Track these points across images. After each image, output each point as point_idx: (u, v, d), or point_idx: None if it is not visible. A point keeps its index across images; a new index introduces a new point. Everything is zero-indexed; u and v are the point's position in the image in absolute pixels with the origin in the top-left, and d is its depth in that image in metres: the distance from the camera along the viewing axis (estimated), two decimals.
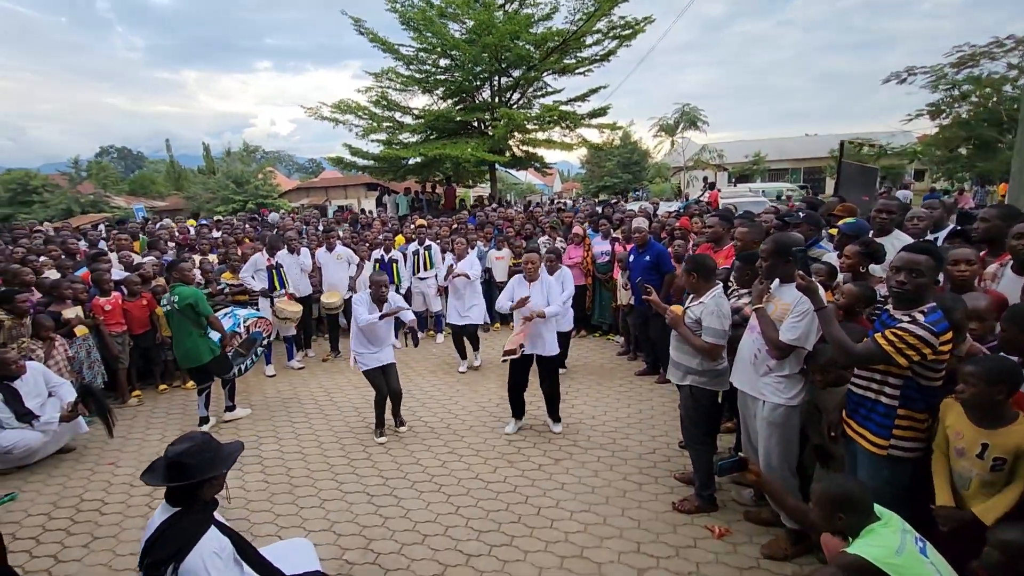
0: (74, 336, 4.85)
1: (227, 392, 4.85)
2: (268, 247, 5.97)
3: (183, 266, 4.44)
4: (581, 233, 7.09)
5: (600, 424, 4.67)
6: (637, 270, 5.53)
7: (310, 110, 13.65)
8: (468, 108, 14.59)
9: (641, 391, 5.42)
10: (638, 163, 39.08)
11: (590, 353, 6.70)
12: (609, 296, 7.03)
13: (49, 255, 6.15)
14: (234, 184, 26.19)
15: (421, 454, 4.22)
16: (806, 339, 2.69)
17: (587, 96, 15.59)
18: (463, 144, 13.15)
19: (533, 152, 15.94)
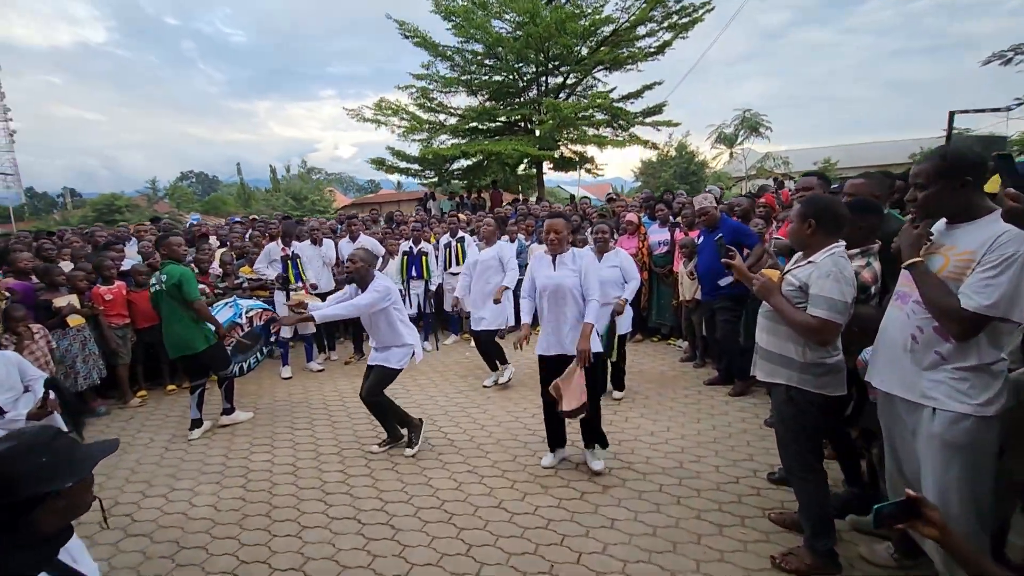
0: (67, 326, 4.42)
1: (224, 392, 4.24)
2: (283, 235, 5.43)
3: (172, 240, 3.89)
4: (635, 221, 6.12)
5: (662, 443, 3.67)
6: (707, 255, 4.53)
7: (352, 111, 13.52)
8: (513, 106, 13.90)
9: (713, 404, 4.35)
10: (695, 173, 37.29)
11: (648, 359, 5.67)
12: (669, 293, 5.99)
13: (71, 246, 5.90)
14: (293, 200, 27.05)
15: (434, 472, 3.38)
16: (1012, 304, 1.65)
17: (641, 92, 14.60)
18: (506, 141, 12.47)
19: (583, 152, 15.02)
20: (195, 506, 3.10)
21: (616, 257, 4.30)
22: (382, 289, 3.52)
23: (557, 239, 3.17)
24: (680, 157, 38.36)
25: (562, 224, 3.25)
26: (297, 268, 5.44)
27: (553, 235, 3.20)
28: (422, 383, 5.19)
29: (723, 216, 4.60)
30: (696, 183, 37.04)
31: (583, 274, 3.15)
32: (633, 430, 3.89)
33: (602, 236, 4.34)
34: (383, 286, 3.53)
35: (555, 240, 3.17)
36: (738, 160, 35.36)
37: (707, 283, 4.68)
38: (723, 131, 35.45)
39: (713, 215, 4.56)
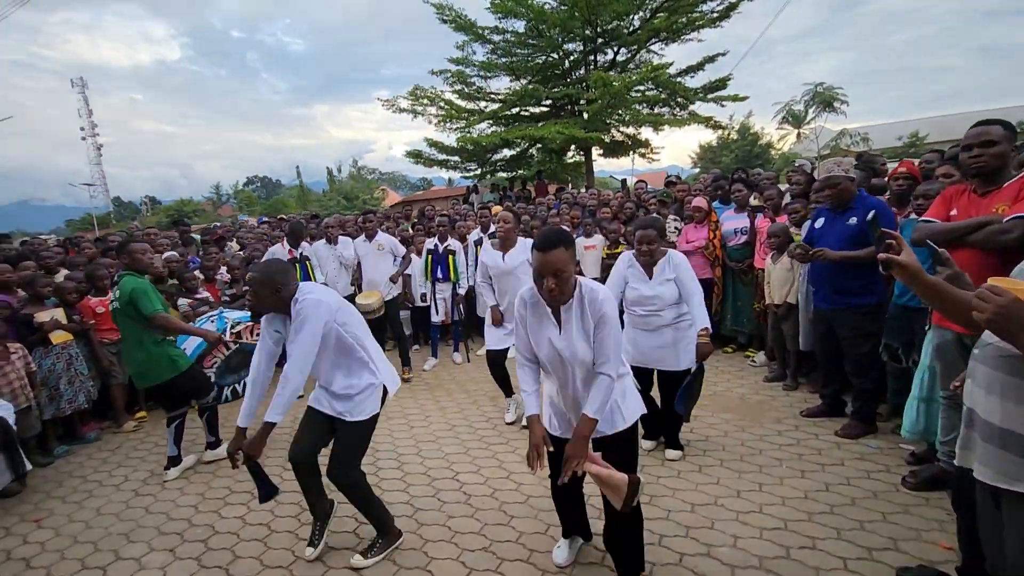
0: (50, 344, 3.93)
1: (205, 423, 3.60)
2: (290, 235, 4.77)
3: (134, 247, 3.24)
4: (705, 207, 5.00)
5: (753, 512, 2.63)
6: (833, 243, 3.32)
7: (387, 102, 12.92)
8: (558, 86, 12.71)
9: (820, 448, 3.24)
10: (759, 156, 34.51)
11: (722, 378, 4.57)
12: (749, 294, 4.84)
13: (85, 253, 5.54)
14: (344, 199, 27.31)
15: (439, 549, 2.53)
16: None
17: (702, 65, 13.10)
18: (550, 125, 11.39)
19: (636, 135, 13.67)
20: None
21: (669, 266, 3.03)
22: (317, 316, 2.22)
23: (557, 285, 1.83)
24: (743, 139, 35.66)
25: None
26: (306, 271, 4.76)
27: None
28: (445, 406, 4.37)
29: (860, 194, 3.31)
30: (760, 167, 34.30)
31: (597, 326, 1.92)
32: (709, 488, 2.87)
33: (648, 248, 2.98)
34: (318, 310, 2.23)
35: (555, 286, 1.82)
36: (808, 140, 32.36)
37: (828, 284, 3.40)
38: (791, 108, 32.46)
39: (847, 189, 3.23)
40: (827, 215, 3.45)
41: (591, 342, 1.92)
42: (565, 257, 1.80)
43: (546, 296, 1.88)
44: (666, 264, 3.03)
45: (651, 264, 3.05)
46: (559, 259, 1.79)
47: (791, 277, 4.04)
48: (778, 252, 4.15)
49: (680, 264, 3.01)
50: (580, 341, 1.92)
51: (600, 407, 1.89)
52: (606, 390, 1.89)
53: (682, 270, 2.99)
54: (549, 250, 1.78)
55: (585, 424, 1.89)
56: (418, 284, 5.72)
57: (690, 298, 2.97)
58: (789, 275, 4.05)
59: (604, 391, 1.89)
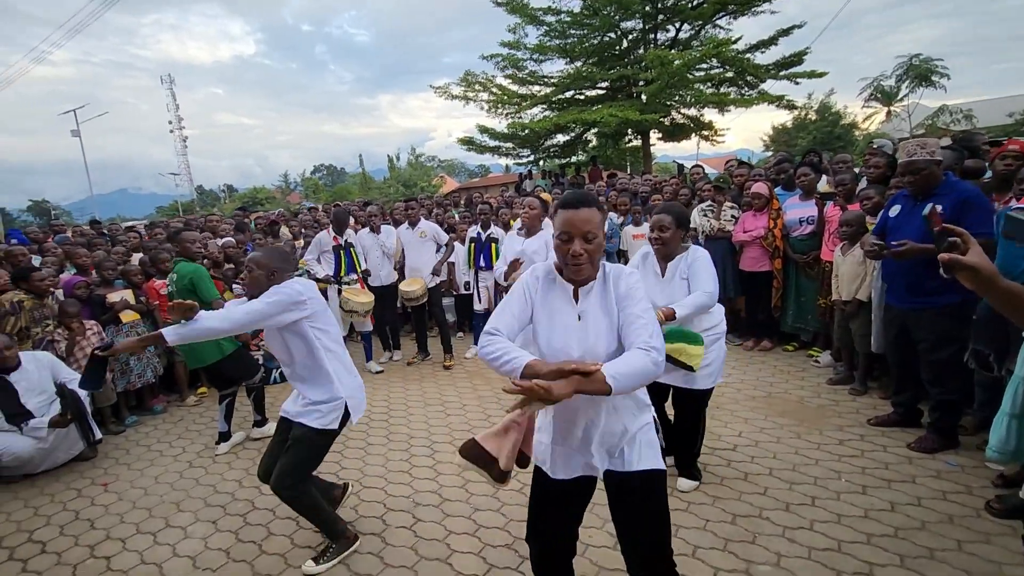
0: (120, 322, 4.25)
1: (253, 402, 3.76)
2: (335, 223, 4.86)
3: (185, 235, 3.43)
4: (765, 193, 4.62)
5: (803, 529, 2.39)
6: (908, 235, 2.93)
7: (439, 89, 12.94)
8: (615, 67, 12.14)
9: (887, 462, 2.91)
10: (841, 137, 31.80)
11: (780, 378, 4.24)
12: (813, 288, 4.45)
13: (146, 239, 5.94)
14: (403, 186, 27.95)
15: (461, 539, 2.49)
16: None
17: (775, 39, 12.15)
18: (604, 108, 10.95)
19: (699, 116, 12.91)
20: (176, 555, 2.55)
21: (686, 263, 2.58)
22: (285, 293, 2.20)
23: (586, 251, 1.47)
24: (823, 120, 33.04)
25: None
26: (351, 258, 4.86)
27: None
28: (483, 395, 4.34)
29: (948, 178, 2.89)
30: (842, 149, 31.67)
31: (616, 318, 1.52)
32: (754, 498, 2.65)
33: (659, 236, 2.55)
34: (290, 290, 2.22)
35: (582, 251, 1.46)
36: (900, 118, 29.50)
37: (902, 280, 3.02)
38: (880, 84, 29.63)
39: (932, 175, 2.82)
40: (905, 203, 3.06)
41: (614, 331, 1.50)
42: (596, 219, 1.46)
43: (570, 265, 1.47)
44: (683, 261, 2.56)
45: (666, 257, 2.60)
46: (590, 218, 1.44)
47: (863, 271, 3.65)
48: (850, 243, 3.77)
49: (698, 259, 2.55)
50: (600, 329, 1.50)
51: (621, 370, 1.32)
52: (640, 361, 1.36)
53: (698, 264, 2.53)
54: (578, 207, 1.44)
55: (591, 380, 1.31)
56: (462, 272, 5.71)
57: (695, 288, 2.51)
58: (861, 269, 3.66)
59: (638, 361, 1.36)
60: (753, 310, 5.02)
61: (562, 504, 1.66)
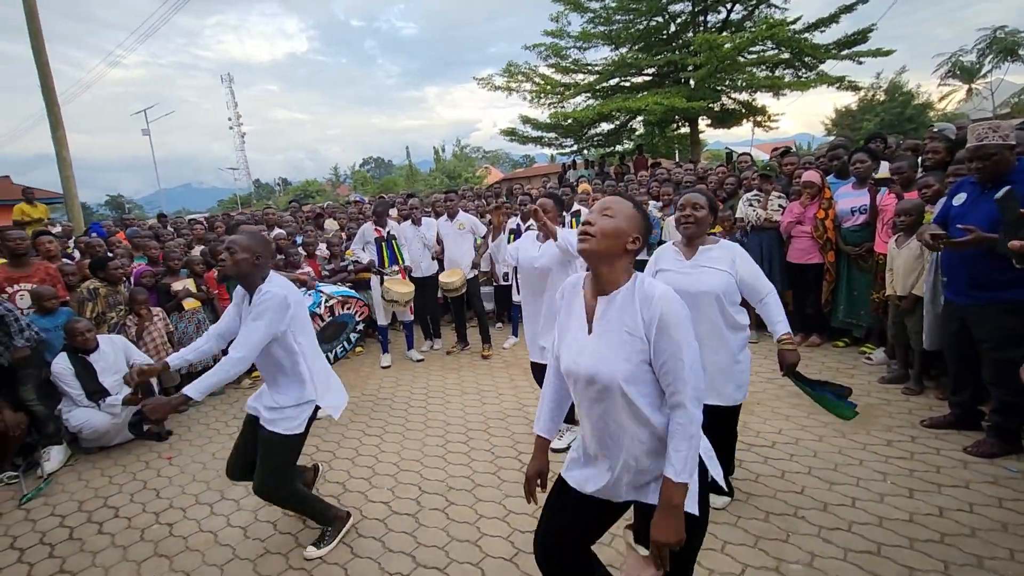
0: (183, 309, 4.58)
1: None
2: (376, 216, 5.02)
3: (244, 229, 3.65)
4: (816, 181, 4.42)
5: (840, 529, 2.32)
6: (976, 224, 2.71)
7: (482, 80, 12.96)
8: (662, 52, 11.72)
9: (939, 465, 2.76)
10: (913, 119, 29.52)
11: (829, 375, 4.07)
12: (867, 282, 4.23)
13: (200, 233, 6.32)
14: (447, 178, 28.35)
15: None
16: None
17: (836, 17, 11.42)
18: (648, 95, 10.63)
19: (751, 101, 12.34)
20: (230, 525, 2.76)
21: (721, 251, 2.30)
22: (274, 304, 2.15)
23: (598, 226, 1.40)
24: (892, 100, 30.80)
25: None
26: (393, 250, 5.01)
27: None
28: (519, 385, 4.39)
29: (1022, 161, 2.67)
30: (914, 132, 29.46)
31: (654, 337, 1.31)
32: (790, 496, 2.58)
33: (691, 214, 2.27)
34: (276, 300, 2.16)
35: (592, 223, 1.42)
36: (981, 97, 27.17)
37: (964, 274, 2.82)
38: (959, 59, 27.29)
39: (1004, 160, 2.62)
40: (971, 190, 2.85)
41: (630, 355, 1.32)
42: (623, 208, 1.39)
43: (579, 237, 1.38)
44: (715, 250, 2.30)
45: (693, 240, 2.33)
46: (616, 203, 1.41)
47: (920, 265, 3.44)
48: (906, 234, 3.55)
49: (741, 254, 2.29)
50: (612, 348, 1.33)
51: (684, 464, 1.28)
52: (688, 435, 1.28)
53: (742, 261, 2.26)
54: (612, 194, 1.54)
55: (669, 492, 1.29)
56: (501, 262, 5.77)
57: (759, 297, 2.25)
58: (918, 263, 3.45)
59: (685, 436, 1.28)
60: (801, 304, 4.82)
61: (577, 518, 1.53)
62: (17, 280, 3.87)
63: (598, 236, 1.35)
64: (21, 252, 3.92)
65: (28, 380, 3.51)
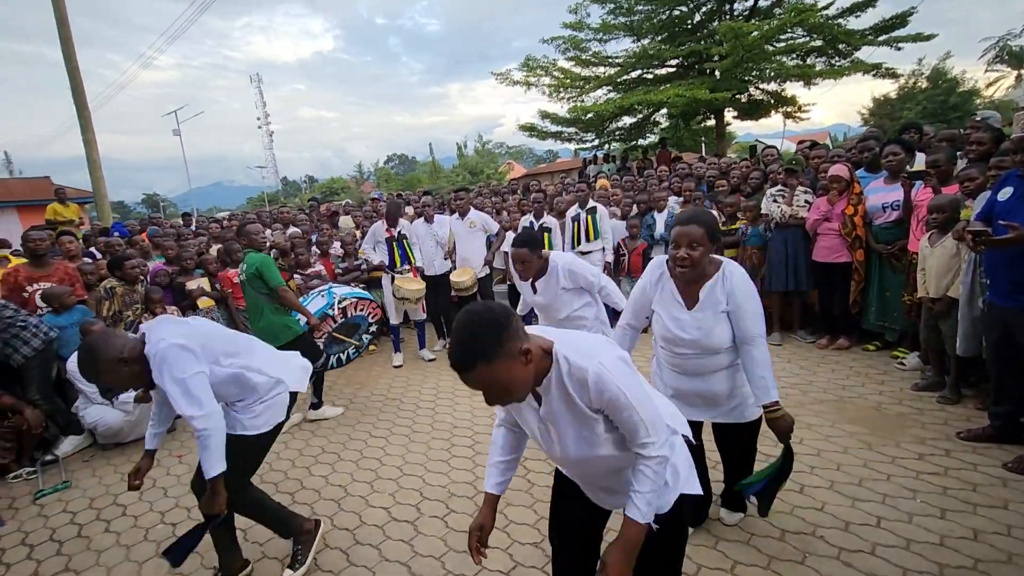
0: (197, 308, 4.63)
1: (312, 385, 3.96)
2: (387, 215, 4.98)
3: (250, 228, 3.66)
4: (844, 176, 4.17)
5: (864, 555, 2.15)
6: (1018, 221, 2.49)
7: (500, 76, 12.81)
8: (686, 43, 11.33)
9: (974, 482, 2.55)
10: (957, 107, 28.06)
11: (856, 381, 3.85)
12: (899, 282, 3.98)
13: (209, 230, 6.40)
14: (469, 174, 28.34)
15: None
16: None
17: (873, 1, 10.87)
18: (671, 88, 10.30)
19: (780, 91, 11.86)
20: None
21: (723, 289, 1.90)
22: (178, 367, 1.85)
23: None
24: (935, 88, 29.36)
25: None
26: (403, 249, 4.96)
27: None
28: None
29: None
30: (958, 121, 28.01)
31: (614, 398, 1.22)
32: (809, 513, 2.42)
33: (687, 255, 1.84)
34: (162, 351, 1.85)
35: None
36: None
37: (1006, 275, 2.62)
38: (1007, 44, 25.81)
39: None
40: (1018, 184, 2.64)
41: (594, 439, 1.30)
42: (492, 369, 1.13)
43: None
44: (718, 287, 1.89)
45: (693, 284, 1.92)
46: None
47: (956, 264, 3.20)
48: (940, 232, 3.31)
49: (737, 285, 1.87)
50: (580, 444, 1.31)
51: (648, 505, 1.27)
52: (651, 479, 1.27)
53: (739, 294, 1.86)
54: (462, 371, 1.16)
55: (629, 530, 1.27)
56: None
57: (745, 345, 1.89)
58: (953, 262, 3.21)
59: (649, 481, 1.27)
60: (828, 305, 4.58)
61: (580, 500, 1.55)
62: (37, 279, 3.97)
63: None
64: (41, 252, 4.01)
65: (33, 381, 3.59)
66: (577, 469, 1.46)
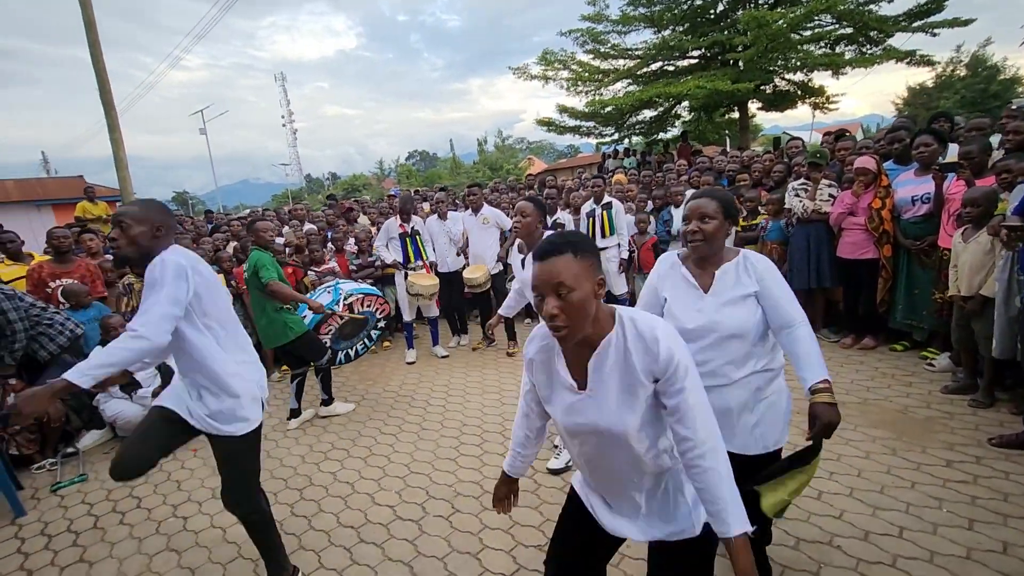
0: None
1: (321, 382, 3.99)
2: (400, 211, 4.97)
3: (259, 225, 3.68)
4: (871, 168, 3.99)
5: (868, 562, 2.05)
6: None
7: (518, 70, 12.69)
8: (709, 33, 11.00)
9: (1006, 490, 2.41)
10: (998, 95, 26.77)
11: (883, 383, 3.69)
12: (929, 279, 3.80)
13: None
14: (489, 169, 28.35)
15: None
16: None
17: None
18: (691, 80, 10.02)
19: (806, 82, 11.46)
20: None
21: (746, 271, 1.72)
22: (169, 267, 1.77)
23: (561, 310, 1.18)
24: (974, 76, 28.12)
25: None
26: (416, 245, 4.95)
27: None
28: None
29: None
30: (996, 110, 26.78)
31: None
32: (825, 522, 2.31)
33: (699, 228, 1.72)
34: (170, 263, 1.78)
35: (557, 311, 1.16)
36: None
37: None
38: None
39: None
40: None
41: (643, 411, 1.21)
42: (575, 268, 1.14)
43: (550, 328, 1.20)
44: (739, 269, 1.71)
45: (709, 266, 1.74)
46: (563, 269, 1.14)
47: (989, 261, 3.02)
48: (974, 227, 3.14)
49: (767, 270, 1.69)
50: (622, 409, 1.22)
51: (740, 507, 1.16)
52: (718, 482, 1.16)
53: (770, 279, 1.68)
54: (547, 258, 1.16)
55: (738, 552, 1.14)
56: None
57: (787, 329, 1.65)
58: (987, 259, 3.04)
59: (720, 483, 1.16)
60: (853, 302, 4.41)
61: (590, 533, 1.44)
62: (60, 275, 4.08)
63: (571, 321, 1.17)
64: (64, 249, 4.12)
65: (56, 372, 3.68)
66: (596, 449, 1.31)
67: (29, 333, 3.55)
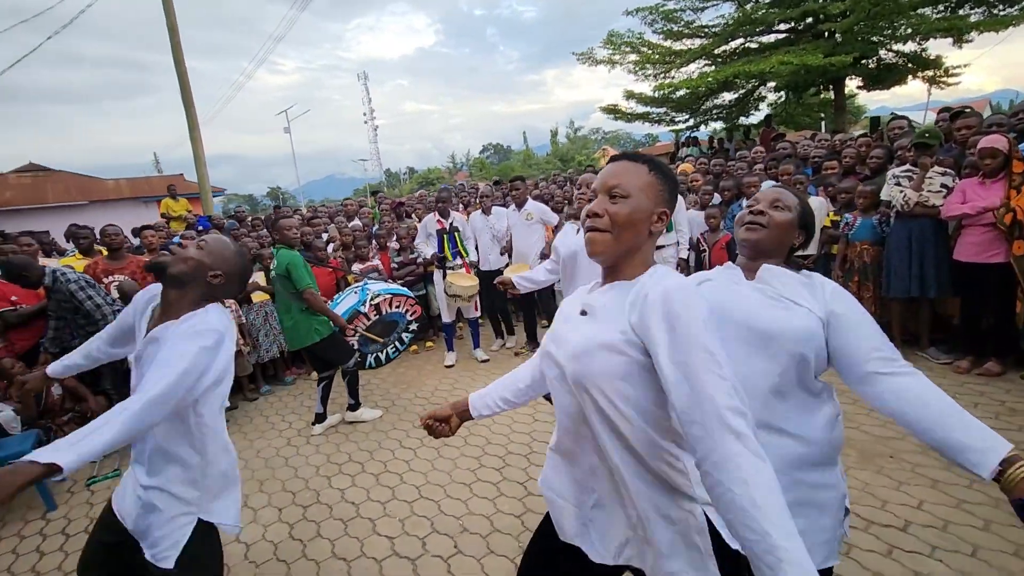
0: (252, 302, 4.71)
1: (348, 386, 3.82)
2: (438, 207, 4.71)
3: (283, 223, 3.54)
4: (1002, 148, 3.16)
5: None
6: None
7: (582, 56, 11.97)
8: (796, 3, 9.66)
9: None
10: None
11: (1012, 421, 2.91)
12: None
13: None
14: (559, 161, 27.80)
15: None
16: None
17: None
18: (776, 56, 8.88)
19: (919, 52, 9.83)
20: (237, 541, 2.64)
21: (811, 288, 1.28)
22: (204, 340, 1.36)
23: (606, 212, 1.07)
24: None
25: None
26: (455, 243, 4.68)
27: None
28: None
29: None
30: None
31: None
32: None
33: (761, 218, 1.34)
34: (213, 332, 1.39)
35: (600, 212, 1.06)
36: None
37: None
38: None
39: None
40: None
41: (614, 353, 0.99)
42: (639, 181, 1.05)
43: (584, 228, 1.10)
44: (798, 280, 1.29)
45: (759, 249, 1.35)
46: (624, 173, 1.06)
47: None
48: None
49: (838, 292, 1.26)
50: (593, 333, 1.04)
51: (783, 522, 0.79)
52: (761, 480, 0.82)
53: (844, 302, 1.24)
54: (621, 160, 1.11)
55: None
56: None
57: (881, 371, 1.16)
58: None
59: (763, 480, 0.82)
60: (974, 317, 3.57)
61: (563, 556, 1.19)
62: (112, 272, 4.22)
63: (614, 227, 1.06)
64: (116, 247, 4.26)
65: (107, 372, 3.78)
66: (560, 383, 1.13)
67: (87, 329, 3.67)
